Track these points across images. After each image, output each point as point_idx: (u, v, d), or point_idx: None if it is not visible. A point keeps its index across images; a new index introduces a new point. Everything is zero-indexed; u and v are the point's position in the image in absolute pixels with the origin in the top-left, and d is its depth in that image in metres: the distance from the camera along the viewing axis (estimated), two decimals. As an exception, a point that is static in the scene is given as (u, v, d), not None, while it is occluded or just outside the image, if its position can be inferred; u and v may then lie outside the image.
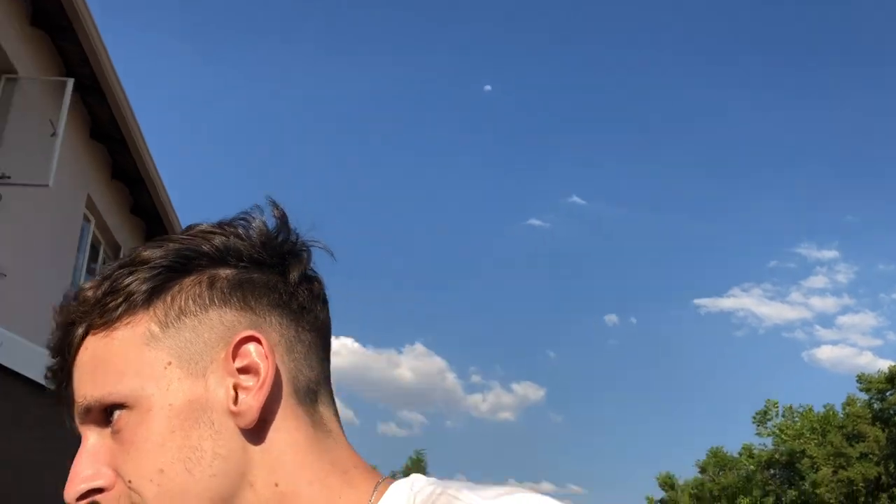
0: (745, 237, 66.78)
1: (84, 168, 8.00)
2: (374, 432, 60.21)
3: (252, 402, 0.60)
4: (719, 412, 64.43)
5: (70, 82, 6.55)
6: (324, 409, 0.66)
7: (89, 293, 0.64)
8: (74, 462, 0.63)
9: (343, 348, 51.51)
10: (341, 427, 0.67)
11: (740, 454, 36.98)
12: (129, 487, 0.60)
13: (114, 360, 0.62)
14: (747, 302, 54.66)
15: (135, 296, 0.63)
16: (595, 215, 63.89)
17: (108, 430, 0.62)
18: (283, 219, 0.67)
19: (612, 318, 62.10)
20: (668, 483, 39.43)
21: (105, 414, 0.62)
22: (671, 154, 65.28)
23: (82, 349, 0.64)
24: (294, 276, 0.66)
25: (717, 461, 37.52)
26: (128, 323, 0.63)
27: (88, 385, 0.62)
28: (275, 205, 0.67)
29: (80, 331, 0.64)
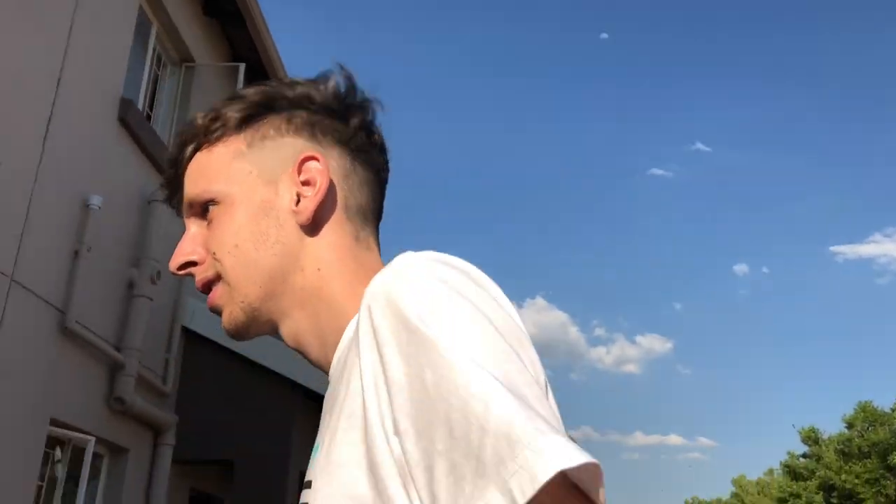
0: (887, 179, 62.25)
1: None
2: (500, 386, 60.36)
3: (308, 205, 0.79)
4: (865, 365, 61.15)
5: (242, 67, 6.98)
6: (367, 232, 0.84)
7: (199, 121, 0.85)
8: (179, 243, 0.84)
9: (466, 306, 51.83)
10: (379, 252, 0.85)
11: (893, 409, 35.12)
12: (214, 258, 0.81)
13: (211, 168, 0.82)
14: (890, 248, 51.11)
15: (230, 121, 0.83)
16: (720, 162, 61.07)
17: (202, 222, 0.83)
18: (350, 81, 0.86)
19: (741, 268, 59.70)
20: (811, 437, 38.02)
21: (202, 208, 0.83)
22: (800, 94, 61.26)
23: (192, 162, 0.84)
24: (354, 122, 0.85)
25: (867, 416, 35.78)
26: (224, 142, 0.83)
27: (191, 186, 0.83)
28: (346, 71, 0.85)
29: (191, 148, 0.85)
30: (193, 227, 0.84)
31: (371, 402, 0.61)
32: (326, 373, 0.79)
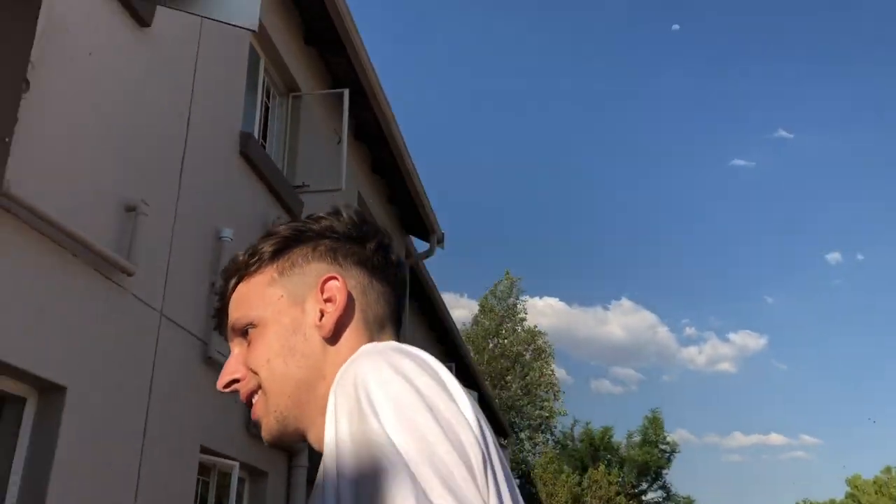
0: None
1: (351, 160, 8.69)
2: (587, 390, 60.02)
3: (329, 319, 0.91)
4: None
5: (346, 93, 7.13)
6: (385, 338, 0.95)
7: (241, 257, 0.98)
8: (225, 364, 0.95)
9: (548, 308, 51.52)
10: None
11: None
12: (252, 371, 0.92)
13: (249, 296, 0.95)
14: None
15: (265, 255, 0.96)
16: (804, 148, 58.66)
17: (243, 343, 0.94)
18: (362, 214, 1.00)
19: (834, 257, 57.24)
20: (931, 432, 36.00)
21: (242, 331, 0.94)
22: (884, 74, 58.38)
23: (235, 292, 0.97)
24: (371, 246, 0.98)
25: None
26: (261, 272, 0.96)
27: (233, 312, 0.95)
28: (356, 208, 1.00)
29: (234, 281, 0.98)
30: (236, 348, 0.95)
31: (330, 464, 0.73)
32: None
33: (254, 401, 0.92)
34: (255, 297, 0.94)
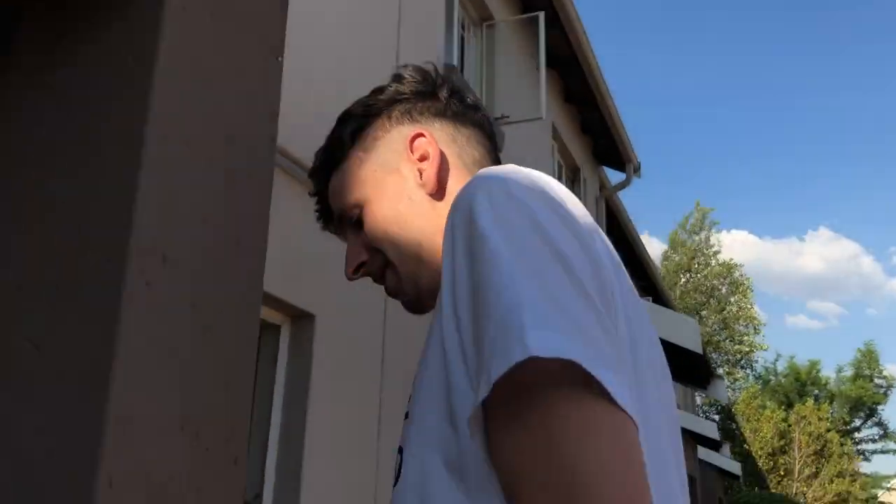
0: None
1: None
2: (781, 326, 56.64)
3: (429, 174, 0.90)
4: None
5: (542, 16, 6.92)
6: None
7: (322, 155, 0.97)
8: (346, 254, 0.94)
9: (737, 243, 48.74)
10: None
11: None
12: (374, 249, 0.91)
13: (345, 183, 0.93)
14: None
15: (346, 140, 0.95)
16: None
17: (355, 228, 0.93)
18: (422, 68, 0.97)
19: None
20: None
21: (350, 218, 0.93)
22: None
23: (330, 186, 0.96)
24: (443, 94, 0.95)
25: None
26: (347, 159, 0.94)
27: (335, 204, 0.95)
28: (412, 64, 0.97)
29: (324, 176, 0.97)
30: (350, 236, 0.94)
31: (446, 300, 0.67)
32: None
33: (386, 276, 0.91)
34: (351, 182, 0.93)
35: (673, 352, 9.93)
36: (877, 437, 34.73)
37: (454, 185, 0.90)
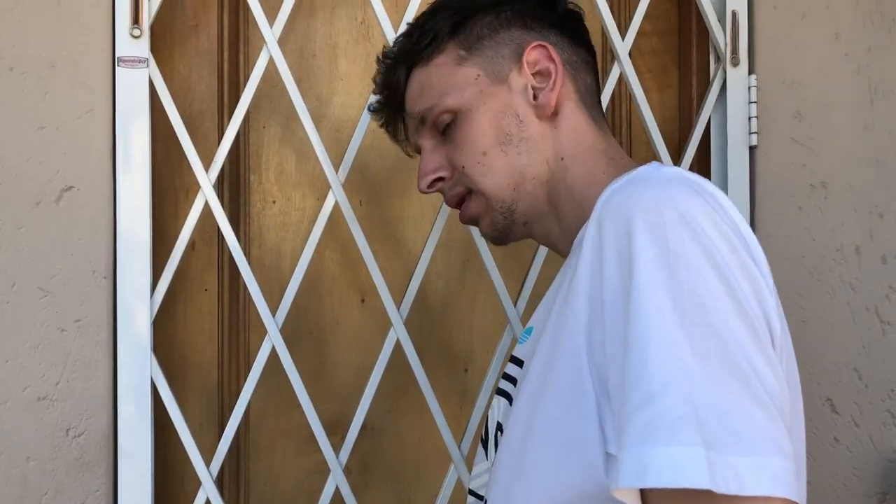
0: None
1: None
2: None
3: (550, 97, 0.76)
4: None
5: None
6: (598, 112, 0.81)
7: (405, 42, 0.84)
8: (421, 164, 0.83)
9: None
10: (609, 130, 0.82)
11: None
12: (463, 172, 0.79)
13: (436, 82, 0.80)
14: None
15: (441, 31, 0.80)
16: None
17: (438, 136, 0.81)
18: None
19: None
20: None
21: (436, 123, 0.80)
22: None
23: (412, 81, 0.83)
24: (561, 5, 0.82)
25: None
26: (440, 52, 0.80)
27: (420, 103, 0.81)
28: None
29: (404, 68, 0.83)
30: (428, 143, 0.83)
31: (581, 312, 0.60)
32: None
33: (467, 200, 0.81)
34: (445, 80, 0.79)
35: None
36: None
37: (568, 112, 0.78)
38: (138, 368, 1.07)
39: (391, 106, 0.87)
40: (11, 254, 1.04)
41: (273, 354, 1.13)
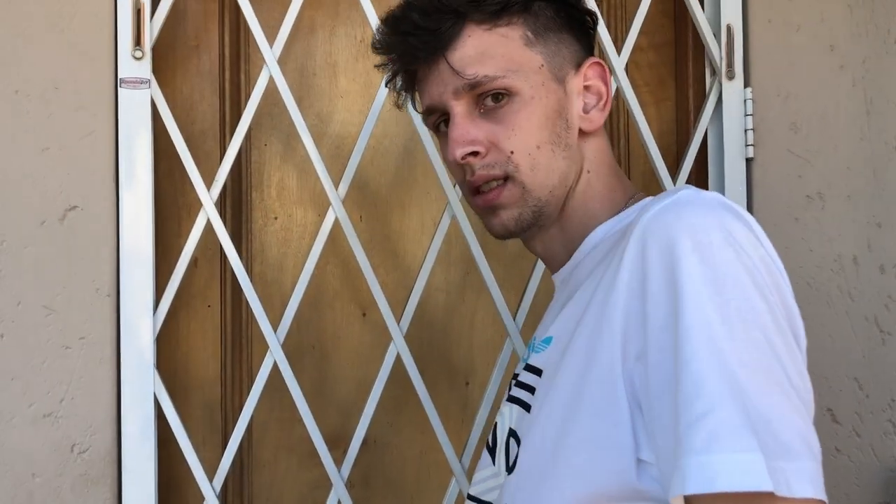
0: None
1: None
2: None
3: (599, 115, 0.78)
4: None
5: None
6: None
7: None
8: (455, 129, 0.75)
9: None
10: None
11: None
12: (510, 158, 0.74)
13: (501, 53, 0.74)
14: None
15: (513, 2, 0.74)
16: None
17: (476, 107, 0.75)
18: None
19: None
20: None
21: (481, 95, 0.74)
22: None
23: (464, 36, 0.74)
24: (592, 29, 0.82)
25: None
26: (508, 24, 0.75)
27: (477, 67, 0.73)
28: None
29: (459, 20, 0.74)
30: (462, 110, 0.76)
31: (617, 324, 0.62)
32: (550, 266, 0.83)
33: (498, 186, 0.76)
34: (510, 56, 0.74)
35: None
36: None
37: (597, 136, 0.80)
38: (141, 385, 1.09)
39: (425, 50, 0.76)
40: (16, 272, 1.06)
41: (275, 369, 1.14)
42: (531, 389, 0.74)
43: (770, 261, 0.62)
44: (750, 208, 1.26)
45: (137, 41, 1.10)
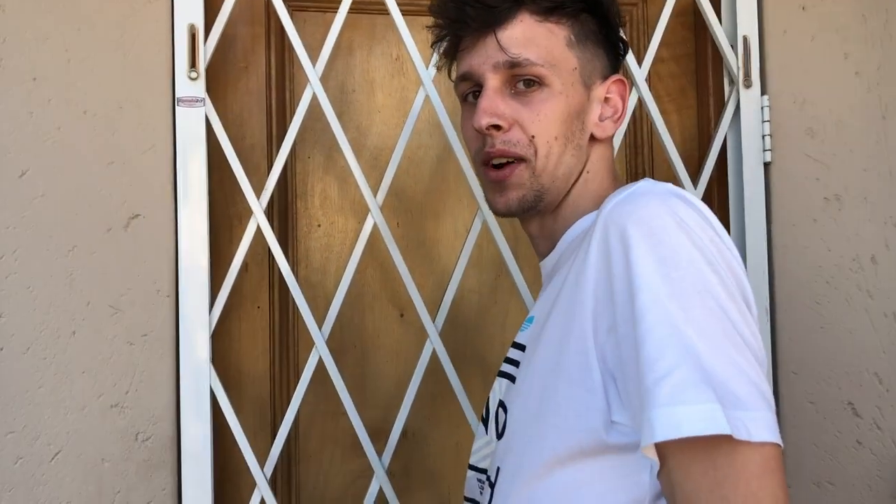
0: None
1: None
2: None
3: (612, 126, 0.86)
4: None
5: None
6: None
7: None
8: (485, 99, 0.81)
9: None
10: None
11: None
12: (531, 141, 0.81)
13: (545, 45, 0.81)
14: None
15: (568, 4, 0.81)
16: None
17: (508, 85, 0.81)
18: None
19: None
20: None
21: (516, 76, 0.80)
22: None
23: (517, 20, 0.81)
24: (622, 55, 0.90)
25: None
26: (557, 22, 0.81)
27: (522, 49, 0.80)
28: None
29: (516, 4, 0.81)
30: (495, 85, 0.81)
31: (588, 303, 0.70)
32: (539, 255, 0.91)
33: (511, 166, 0.82)
34: (551, 51, 0.81)
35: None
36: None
37: (603, 145, 0.87)
38: (198, 378, 1.18)
39: (478, 21, 0.82)
40: (86, 275, 1.17)
41: (320, 365, 1.23)
42: (516, 364, 0.83)
43: (719, 240, 0.69)
44: (769, 211, 1.32)
45: (192, 63, 1.21)
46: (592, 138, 0.86)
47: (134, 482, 1.16)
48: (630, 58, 1.31)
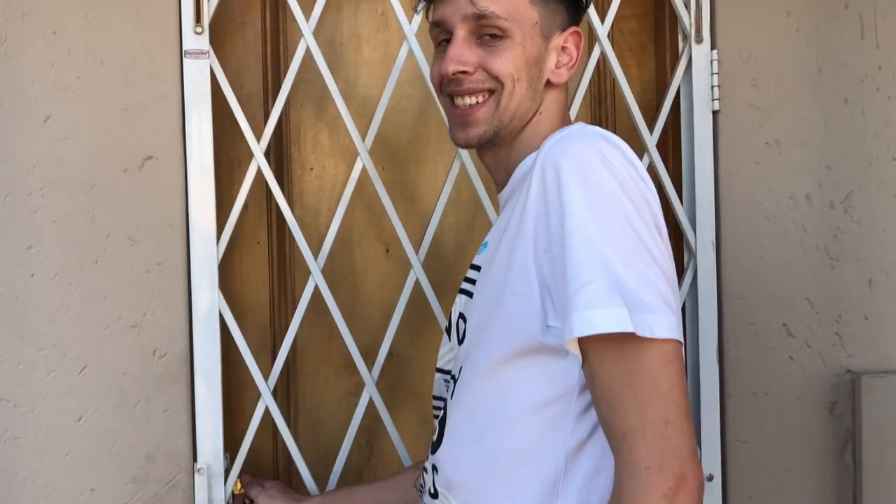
0: None
1: None
2: None
3: (566, 73, 0.98)
4: None
5: None
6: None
7: None
8: (453, 48, 0.93)
9: None
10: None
11: None
12: (496, 78, 0.92)
13: (511, 3, 0.92)
14: None
15: None
16: None
17: (474, 38, 0.93)
18: None
19: None
20: None
21: (482, 27, 0.92)
22: None
23: None
24: (584, 9, 1.01)
25: None
26: None
27: (489, 3, 0.91)
28: None
29: None
30: (463, 33, 0.93)
31: (529, 228, 0.84)
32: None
33: (479, 101, 0.94)
34: (517, 6, 0.92)
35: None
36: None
37: (559, 88, 0.99)
38: (209, 302, 1.32)
39: None
40: (106, 210, 1.30)
41: (315, 293, 1.38)
42: (473, 282, 0.98)
43: (637, 176, 0.83)
44: (716, 154, 1.47)
45: (198, 19, 1.33)
46: (549, 84, 0.97)
47: (152, 393, 1.31)
48: (594, 15, 1.44)
